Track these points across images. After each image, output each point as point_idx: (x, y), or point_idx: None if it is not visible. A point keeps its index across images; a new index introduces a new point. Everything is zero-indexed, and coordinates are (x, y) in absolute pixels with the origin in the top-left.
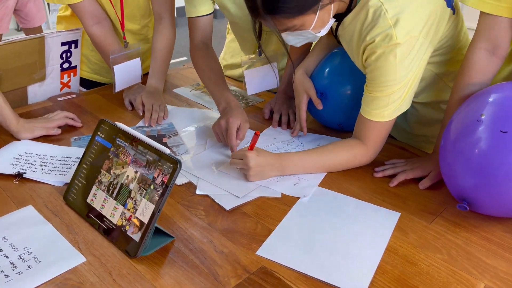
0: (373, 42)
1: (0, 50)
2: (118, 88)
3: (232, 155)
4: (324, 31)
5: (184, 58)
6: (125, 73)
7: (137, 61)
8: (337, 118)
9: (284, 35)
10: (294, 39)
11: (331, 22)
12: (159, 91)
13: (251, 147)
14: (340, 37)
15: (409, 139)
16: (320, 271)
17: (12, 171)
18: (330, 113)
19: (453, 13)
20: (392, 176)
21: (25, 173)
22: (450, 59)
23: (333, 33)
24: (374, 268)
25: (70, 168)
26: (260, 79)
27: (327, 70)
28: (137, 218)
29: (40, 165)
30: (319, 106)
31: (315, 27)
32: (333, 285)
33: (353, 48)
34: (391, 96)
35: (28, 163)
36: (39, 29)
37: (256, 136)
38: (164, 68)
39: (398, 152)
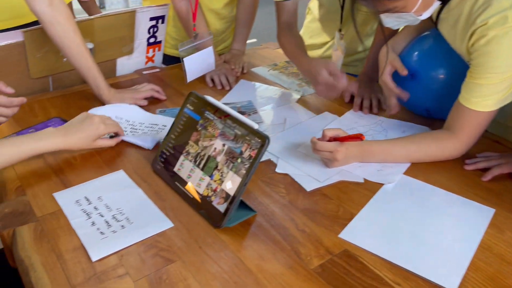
0: (484, 24)
1: (95, 22)
2: (190, 78)
3: (319, 145)
4: (426, 14)
5: (254, 40)
6: (196, 63)
7: (209, 50)
8: (425, 102)
9: (383, 16)
10: (392, 21)
11: (436, 4)
12: (241, 52)
13: (344, 140)
14: (442, 20)
15: (503, 132)
16: (407, 261)
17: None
18: (418, 96)
19: None
20: (485, 170)
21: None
22: None
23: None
24: (467, 264)
25: (158, 134)
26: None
27: (419, 50)
28: (223, 189)
29: (130, 130)
30: (403, 71)
31: (418, 9)
32: (422, 277)
33: (457, 32)
34: (497, 85)
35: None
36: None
37: (358, 138)
38: (246, 32)
39: (491, 145)
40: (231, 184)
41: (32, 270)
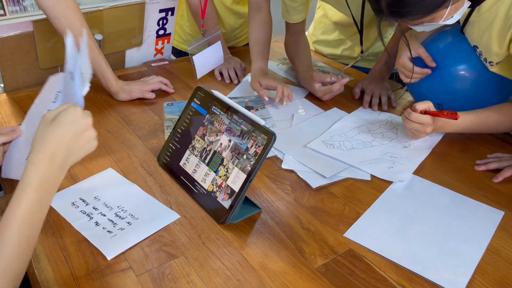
0: None
1: (105, 13)
2: (199, 75)
3: (413, 116)
4: (457, 17)
5: None
6: (206, 60)
7: (217, 45)
8: (439, 96)
9: (412, 26)
10: (421, 28)
11: (465, 6)
12: (267, 73)
13: (438, 115)
14: (471, 23)
15: None
16: (413, 263)
17: None
18: (433, 89)
19: None
20: (496, 171)
21: None
22: None
23: None
24: (474, 267)
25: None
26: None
27: (440, 44)
28: (228, 185)
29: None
30: (431, 63)
31: (446, 19)
32: (427, 279)
33: (492, 35)
34: None
35: None
36: None
37: (452, 116)
38: (267, 51)
39: (503, 146)
40: (236, 180)
41: (36, 261)
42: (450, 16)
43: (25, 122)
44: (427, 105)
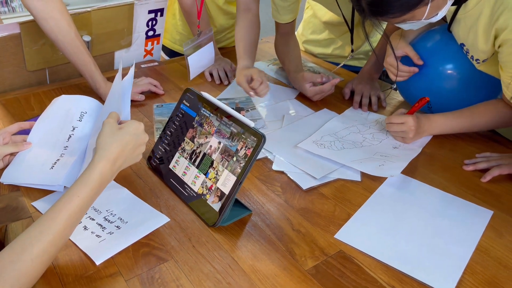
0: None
1: (93, 15)
2: (192, 76)
3: (391, 118)
4: (441, 14)
5: None
6: (199, 60)
7: (210, 46)
8: (427, 94)
9: (399, 24)
10: (407, 26)
11: (449, 4)
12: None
13: (412, 111)
14: (458, 21)
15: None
16: (402, 263)
17: None
18: (422, 90)
19: None
20: (485, 171)
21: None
22: None
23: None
24: (463, 267)
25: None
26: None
27: (428, 44)
28: (218, 188)
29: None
30: (418, 61)
31: (427, 17)
32: (417, 280)
33: (478, 32)
34: None
35: None
36: None
37: (424, 101)
38: (254, 51)
39: (492, 145)
40: (226, 182)
41: None
42: (434, 14)
43: (32, 134)
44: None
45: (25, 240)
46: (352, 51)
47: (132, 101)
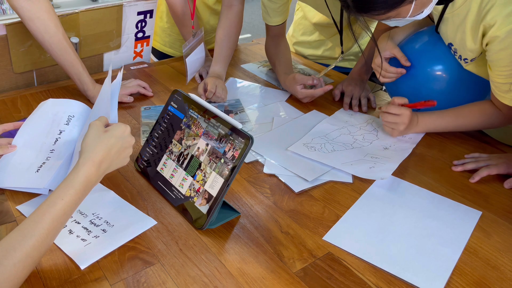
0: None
1: (82, 16)
2: (190, 78)
3: (389, 107)
4: (427, 11)
5: (249, 35)
6: (194, 61)
7: (201, 47)
8: (416, 98)
9: (385, 21)
10: (393, 23)
11: (434, 2)
12: (221, 77)
13: (413, 106)
14: (446, 20)
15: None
16: (391, 265)
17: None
18: (410, 91)
19: None
20: (473, 171)
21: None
22: None
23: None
24: (451, 268)
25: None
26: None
27: (416, 45)
28: (206, 190)
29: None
30: (406, 62)
31: (412, 14)
32: (405, 281)
33: (466, 30)
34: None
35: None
36: None
37: (430, 104)
38: (229, 55)
39: (481, 146)
40: (214, 185)
41: None
42: (419, 11)
43: (18, 138)
44: (404, 100)
45: (8, 245)
46: (342, 52)
47: (120, 103)
